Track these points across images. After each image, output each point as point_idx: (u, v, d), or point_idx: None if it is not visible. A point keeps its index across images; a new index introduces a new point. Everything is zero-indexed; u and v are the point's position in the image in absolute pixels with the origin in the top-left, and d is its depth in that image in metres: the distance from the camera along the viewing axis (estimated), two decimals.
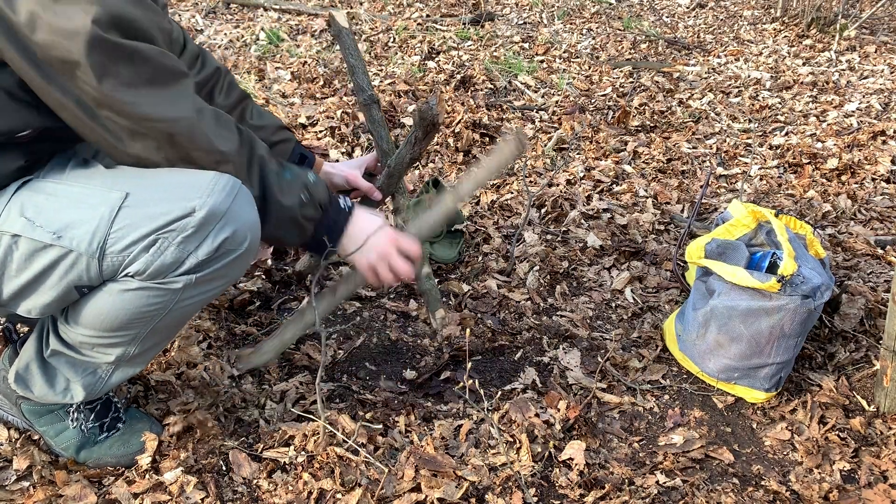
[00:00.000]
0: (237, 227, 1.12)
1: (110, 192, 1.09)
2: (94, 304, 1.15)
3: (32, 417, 1.38)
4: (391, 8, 5.41)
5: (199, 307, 1.25)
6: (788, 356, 1.66)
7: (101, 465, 1.39)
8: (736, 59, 4.78)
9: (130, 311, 1.14)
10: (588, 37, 5.16)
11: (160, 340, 1.27)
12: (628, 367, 1.83)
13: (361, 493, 1.34)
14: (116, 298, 1.13)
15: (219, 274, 1.15)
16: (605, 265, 2.28)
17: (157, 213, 1.07)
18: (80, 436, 1.38)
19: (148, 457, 1.37)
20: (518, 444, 1.51)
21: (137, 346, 1.23)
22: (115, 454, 1.39)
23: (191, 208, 1.07)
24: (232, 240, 1.12)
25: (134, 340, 1.21)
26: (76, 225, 1.07)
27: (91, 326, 1.18)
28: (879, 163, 3.06)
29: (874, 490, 1.46)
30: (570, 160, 3.08)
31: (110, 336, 1.19)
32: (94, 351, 1.23)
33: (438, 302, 1.89)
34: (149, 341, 1.23)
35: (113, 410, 1.42)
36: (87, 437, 1.38)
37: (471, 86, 3.75)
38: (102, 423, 1.39)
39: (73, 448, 1.38)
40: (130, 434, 1.41)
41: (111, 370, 1.28)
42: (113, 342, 1.21)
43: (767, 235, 1.85)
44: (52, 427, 1.38)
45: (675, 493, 1.45)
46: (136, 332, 1.19)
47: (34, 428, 1.40)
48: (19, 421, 1.41)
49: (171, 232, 1.07)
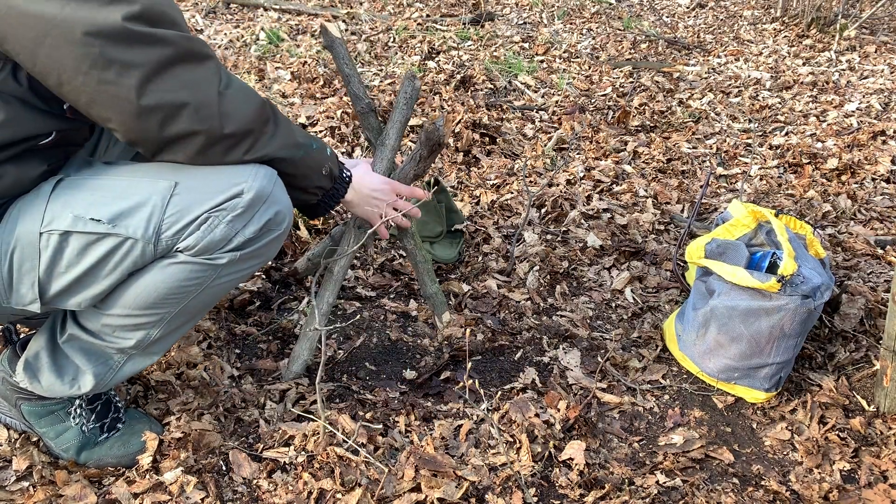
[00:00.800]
0: (279, 208, 1.22)
1: (158, 182, 1.15)
2: (135, 281, 1.19)
3: (32, 419, 1.38)
4: (391, 8, 5.41)
5: (231, 288, 1.30)
6: (788, 356, 1.66)
7: (102, 465, 1.40)
8: (736, 58, 4.78)
9: (170, 285, 1.19)
10: (588, 37, 5.16)
11: (182, 324, 1.31)
12: (628, 367, 1.83)
13: (361, 493, 1.34)
14: (160, 273, 1.18)
15: (258, 252, 1.23)
16: (605, 265, 2.28)
17: (207, 196, 1.14)
18: (81, 436, 1.38)
19: (149, 456, 1.38)
20: (518, 444, 1.51)
21: (161, 329, 1.26)
22: (116, 454, 1.39)
23: (239, 190, 1.15)
24: (274, 220, 1.22)
25: (160, 321, 1.25)
26: (130, 213, 1.12)
27: (125, 305, 1.21)
28: (879, 163, 3.06)
29: (874, 490, 1.46)
30: (570, 160, 3.08)
31: (140, 315, 1.23)
32: (115, 335, 1.26)
33: (444, 305, 1.90)
34: (173, 324, 1.27)
35: (113, 411, 1.42)
36: (88, 438, 1.38)
37: (471, 86, 3.75)
38: (103, 424, 1.40)
39: (73, 449, 1.38)
40: (130, 434, 1.41)
41: (123, 360, 1.30)
42: (140, 322, 1.24)
43: (767, 235, 1.85)
44: (52, 428, 1.38)
45: (675, 493, 1.45)
46: (167, 310, 1.24)
47: (34, 429, 1.40)
48: (19, 423, 1.41)
49: (221, 211, 1.15)
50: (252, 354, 1.78)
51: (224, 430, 1.54)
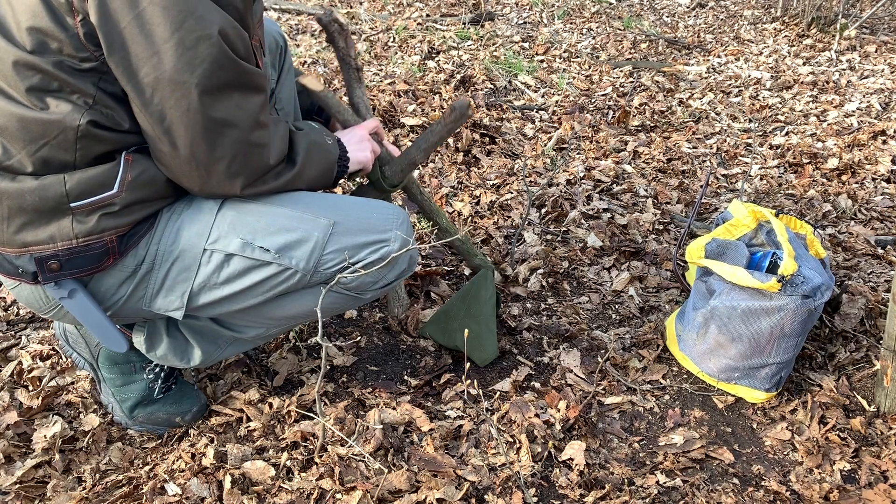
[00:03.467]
0: (413, 253, 1.42)
1: (319, 219, 1.30)
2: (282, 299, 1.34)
3: (106, 363, 1.48)
4: (391, 8, 5.41)
5: None
6: (789, 356, 1.66)
7: (151, 420, 1.52)
8: (736, 58, 4.78)
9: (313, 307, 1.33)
10: (588, 36, 5.15)
11: (291, 328, 1.50)
12: (628, 367, 1.83)
13: (361, 494, 1.33)
14: (311, 296, 1.35)
15: (393, 286, 1.45)
16: (605, 265, 2.28)
17: (360, 237, 1.32)
18: (145, 391, 1.50)
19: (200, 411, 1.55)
20: (518, 444, 1.51)
21: (278, 329, 1.45)
22: (168, 411, 1.52)
23: (386, 238, 1.34)
24: (409, 266, 1.44)
25: (281, 325, 1.43)
26: (295, 246, 1.27)
27: (264, 315, 1.37)
28: (880, 162, 3.06)
29: (874, 490, 1.46)
30: (570, 160, 3.08)
31: (272, 321, 1.40)
32: (237, 327, 1.40)
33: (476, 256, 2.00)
34: (287, 327, 1.46)
35: (174, 376, 1.56)
36: (148, 394, 1.50)
37: (471, 85, 3.74)
38: (164, 385, 1.52)
39: (132, 400, 1.49)
40: (181, 395, 1.55)
41: (229, 343, 1.45)
42: (268, 324, 1.41)
43: (767, 235, 1.85)
44: (122, 377, 1.48)
45: (676, 493, 1.45)
46: (298, 321, 1.44)
47: (99, 372, 1.49)
48: (85, 363, 1.50)
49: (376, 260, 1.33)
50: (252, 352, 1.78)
51: (225, 429, 1.54)
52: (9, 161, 1.14)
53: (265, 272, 1.27)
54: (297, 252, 1.27)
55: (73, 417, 1.56)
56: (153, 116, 1.13)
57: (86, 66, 1.10)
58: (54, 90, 1.10)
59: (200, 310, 1.32)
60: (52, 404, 1.58)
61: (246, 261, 1.26)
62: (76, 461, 1.45)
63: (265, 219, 1.27)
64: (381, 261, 1.33)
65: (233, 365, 1.73)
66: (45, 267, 1.18)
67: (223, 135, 1.17)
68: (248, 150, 1.21)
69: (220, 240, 1.25)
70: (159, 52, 1.07)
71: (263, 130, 1.22)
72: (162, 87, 1.10)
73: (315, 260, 1.28)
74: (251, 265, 1.26)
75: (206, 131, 1.15)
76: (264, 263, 1.26)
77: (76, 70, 1.09)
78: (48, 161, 1.14)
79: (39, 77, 1.09)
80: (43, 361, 1.70)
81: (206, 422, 1.56)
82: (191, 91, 1.11)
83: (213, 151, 1.17)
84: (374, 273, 1.34)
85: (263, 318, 1.39)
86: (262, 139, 1.22)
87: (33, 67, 1.08)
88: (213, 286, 1.27)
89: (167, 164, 1.19)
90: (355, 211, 1.35)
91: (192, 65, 1.09)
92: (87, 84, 1.11)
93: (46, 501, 1.35)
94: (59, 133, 1.12)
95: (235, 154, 1.20)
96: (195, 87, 1.11)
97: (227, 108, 1.15)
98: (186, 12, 1.06)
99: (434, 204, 1.87)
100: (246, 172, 1.23)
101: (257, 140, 1.22)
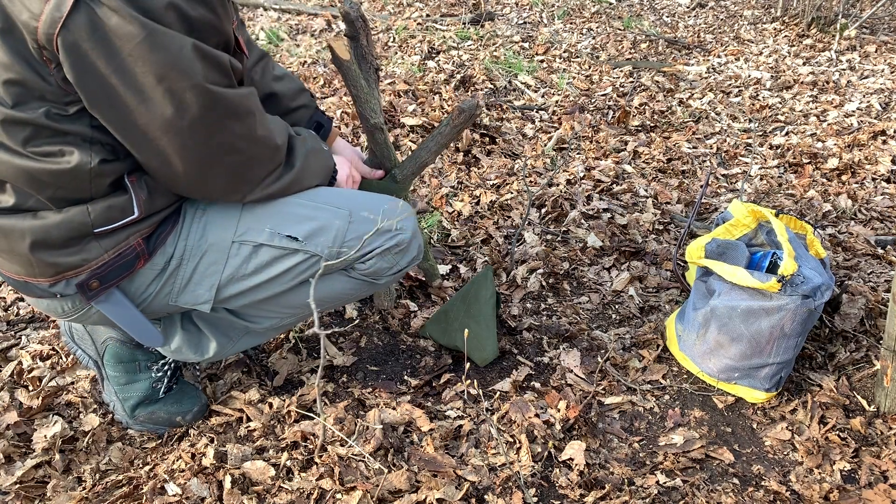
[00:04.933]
0: (419, 241, 1.48)
1: (338, 210, 1.35)
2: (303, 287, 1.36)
3: (112, 360, 1.48)
4: (391, 8, 5.41)
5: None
6: (789, 356, 1.66)
7: (152, 420, 1.50)
8: (736, 58, 4.78)
9: (332, 293, 1.42)
10: (588, 36, 5.15)
11: (307, 317, 1.51)
12: (628, 367, 1.83)
13: (361, 494, 1.33)
14: (332, 282, 1.40)
15: (402, 274, 1.50)
16: (605, 265, 2.28)
17: (377, 230, 1.37)
18: (149, 391, 1.50)
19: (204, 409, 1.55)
20: (518, 444, 1.51)
21: (292, 319, 1.47)
22: (169, 411, 1.52)
23: (399, 228, 1.40)
24: (419, 253, 1.50)
25: (296, 315, 1.45)
26: (319, 234, 1.33)
27: (284, 304, 1.39)
28: (880, 162, 3.06)
29: (874, 490, 1.46)
30: (570, 160, 3.08)
31: (289, 310, 1.42)
32: (253, 318, 1.42)
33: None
34: (301, 316, 1.48)
35: (175, 377, 1.54)
36: (151, 394, 1.51)
37: (471, 86, 3.74)
38: (166, 385, 1.53)
39: (134, 399, 1.49)
40: (182, 395, 1.55)
41: (241, 335, 1.47)
42: (284, 314, 1.43)
43: (768, 235, 1.85)
44: (125, 375, 1.48)
45: (676, 493, 1.45)
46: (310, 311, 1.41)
47: (103, 370, 1.49)
48: (89, 360, 1.50)
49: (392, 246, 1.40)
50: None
51: (225, 429, 1.54)
52: (27, 203, 1.15)
53: (292, 260, 1.32)
54: (321, 239, 1.33)
55: (73, 417, 1.56)
56: (148, 154, 1.14)
57: (73, 109, 1.09)
58: (51, 137, 1.09)
59: (226, 301, 1.35)
60: (52, 404, 1.58)
61: (274, 250, 1.30)
62: (76, 461, 1.45)
63: (289, 209, 1.32)
64: (396, 248, 1.41)
65: (233, 365, 1.73)
66: (87, 287, 1.21)
67: (221, 161, 1.19)
68: (247, 166, 1.23)
69: (249, 231, 1.29)
70: (147, 100, 1.07)
71: (260, 145, 1.24)
72: (154, 131, 1.10)
73: (338, 247, 1.34)
74: (279, 254, 1.31)
75: (204, 163, 1.17)
76: (292, 252, 1.31)
77: (65, 116, 1.09)
78: (65, 198, 1.15)
79: (31, 129, 1.08)
80: (43, 361, 1.70)
81: (206, 422, 1.56)
82: (184, 132, 1.12)
83: (213, 177, 1.20)
84: (389, 259, 1.41)
85: (281, 307, 1.41)
86: (260, 154, 1.24)
87: (22, 122, 1.07)
88: (241, 277, 1.31)
89: (169, 185, 1.22)
90: (368, 202, 1.41)
91: (183, 111, 1.09)
92: (80, 126, 1.11)
93: (46, 501, 1.35)
94: (71, 179, 1.13)
95: (234, 173, 1.22)
96: (188, 130, 1.12)
97: (223, 138, 1.17)
98: (167, 66, 1.05)
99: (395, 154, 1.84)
100: (247, 186, 1.26)
101: (256, 155, 1.23)
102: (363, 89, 1.57)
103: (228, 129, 1.17)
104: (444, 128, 1.62)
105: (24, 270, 1.19)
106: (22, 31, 1.02)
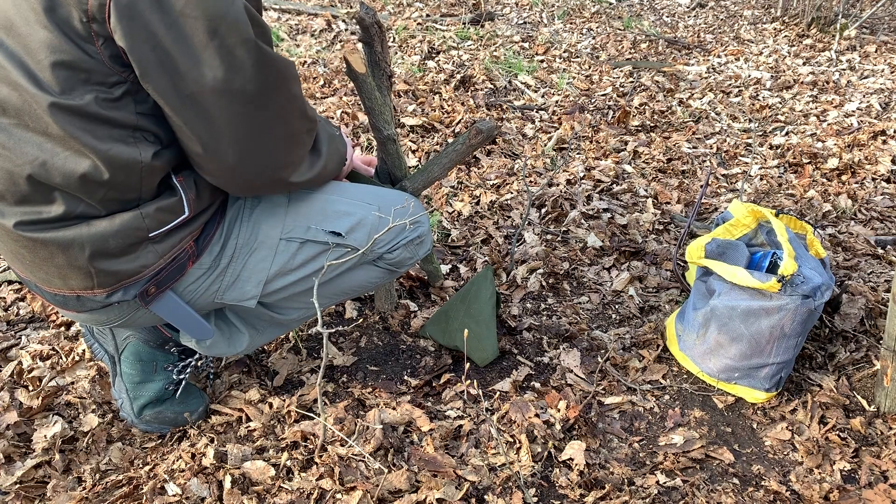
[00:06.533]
0: (430, 234, 1.58)
1: (367, 205, 1.44)
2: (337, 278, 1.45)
3: (131, 357, 1.49)
4: (391, 8, 5.41)
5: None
6: (789, 356, 1.66)
7: (158, 419, 1.52)
8: (736, 58, 4.78)
9: (360, 283, 1.51)
10: (588, 36, 5.15)
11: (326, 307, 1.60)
12: (628, 367, 1.83)
13: (361, 494, 1.33)
14: (361, 273, 1.49)
15: (416, 262, 1.60)
16: (605, 265, 2.28)
17: (402, 223, 1.47)
18: (161, 392, 1.51)
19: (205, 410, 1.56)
20: (518, 444, 1.51)
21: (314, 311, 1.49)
22: (176, 410, 1.53)
23: (418, 220, 1.52)
24: (431, 246, 1.61)
25: (323, 305, 1.49)
26: (358, 229, 1.41)
27: (319, 295, 1.41)
28: (880, 162, 3.06)
29: (874, 490, 1.46)
30: (570, 160, 3.08)
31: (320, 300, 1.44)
32: (283, 309, 1.46)
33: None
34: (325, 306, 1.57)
35: (184, 376, 1.56)
36: (163, 395, 1.52)
37: (471, 86, 3.74)
38: (176, 387, 1.54)
39: (144, 398, 1.50)
40: (187, 395, 1.56)
41: (266, 326, 1.50)
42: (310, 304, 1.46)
43: (768, 235, 1.85)
44: (141, 374, 1.49)
45: (676, 493, 1.45)
46: (340, 298, 1.55)
47: (119, 366, 1.50)
48: (105, 355, 1.51)
49: (415, 237, 1.52)
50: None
51: (225, 429, 1.54)
52: (76, 210, 1.12)
53: (335, 254, 1.40)
54: (358, 234, 1.41)
55: (73, 417, 1.56)
56: (198, 128, 1.11)
57: (118, 91, 1.06)
58: (96, 127, 1.07)
59: (268, 296, 1.39)
60: (52, 404, 1.58)
61: (318, 245, 1.37)
62: (76, 461, 1.45)
63: (328, 206, 1.40)
64: (418, 239, 1.53)
65: (233, 365, 1.73)
66: (145, 293, 1.22)
67: (269, 133, 1.17)
68: (291, 141, 1.23)
69: (295, 228, 1.35)
70: (200, 63, 1.05)
71: (303, 117, 1.23)
72: (207, 96, 1.07)
73: (371, 239, 1.42)
74: (323, 249, 1.38)
75: (253, 134, 1.15)
76: (334, 246, 1.39)
77: (111, 101, 1.06)
78: (116, 199, 1.13)
79: (80, 119, 1.05)
80: (43, 361, 1.70)
81: (206, 422, 1.56)
82: (236, 96, 1.09)
83: (259, 154, 1.18)
84: (411, 249, 1.53)
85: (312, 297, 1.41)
86: (300, 127, 1.24)
87: (69, 110, 1.04)
88: (287, 272, 1.36)
89: (214, 171, 1.18)
90: (390, 198, 1.50)
91: (235, 70, 1.07)
92: (126, 113, 1.08)
93: (46, 501, 1.35)
94: (125, 177, 1.11)
95: (278, 150, 1.21)
96: (240, 93, 1.09)
97: (273, 104, 1.15)
98: (219, 17, 1.04)
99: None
100: (289, 169, 1.26)
101: (298, 130, 1.24)
102: (377, 101, 1.56)
103: (279, 93, 1.15)
104: (458, 145, 1.61)
105: (81, 284, 1.17)
106: (67, 7, 0.99)
